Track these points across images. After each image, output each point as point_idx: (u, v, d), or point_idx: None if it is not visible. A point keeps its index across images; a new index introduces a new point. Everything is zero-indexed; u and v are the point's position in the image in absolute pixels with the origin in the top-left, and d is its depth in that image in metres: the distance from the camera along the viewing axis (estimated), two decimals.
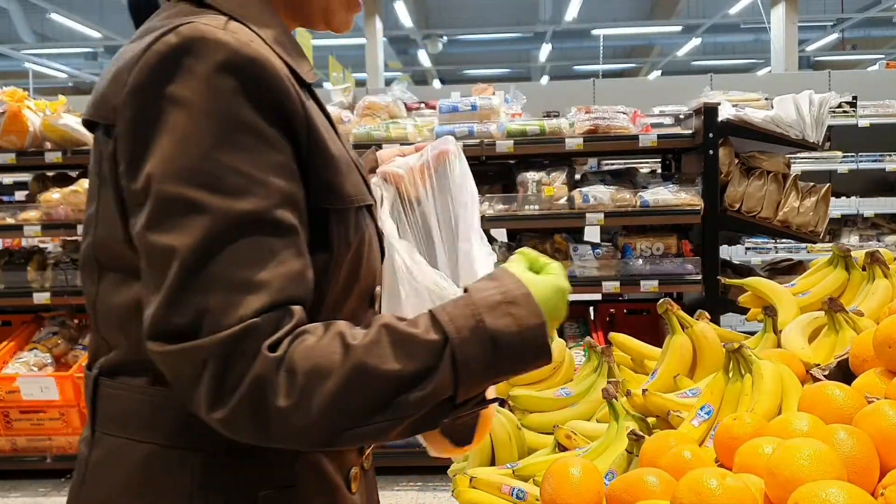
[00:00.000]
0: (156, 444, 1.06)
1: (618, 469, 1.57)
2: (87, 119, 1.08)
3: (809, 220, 4.62)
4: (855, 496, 1.09)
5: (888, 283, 1.94)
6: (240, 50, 0.97)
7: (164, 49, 0.97)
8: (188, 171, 0.94)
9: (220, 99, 0.96)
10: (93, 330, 1.13)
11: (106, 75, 1.06)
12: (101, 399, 1.10)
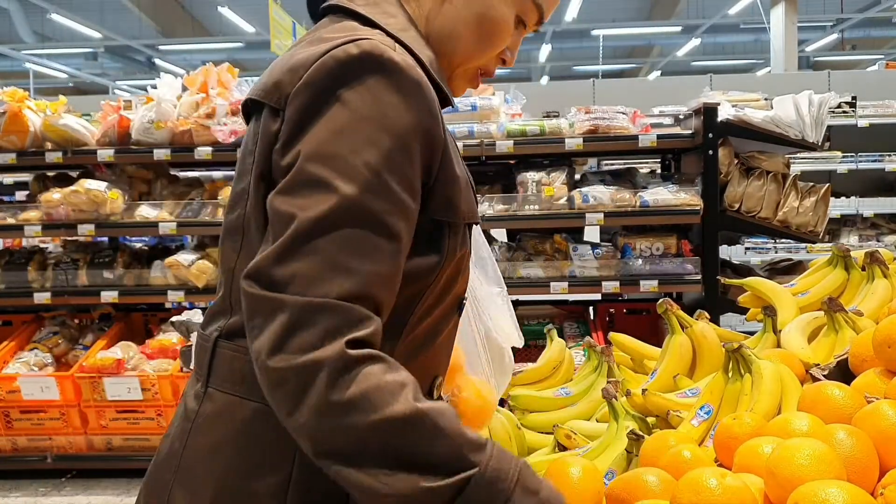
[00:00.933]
0: (265, 404, 1.11)
1: (617, 469, 1.57)
2: (253, 99, 1.19)
3: (809, 220, 4.62)
4: (854, 496, 1.09)
5: (888, 283, 1.94)
6: (406, 71, 1.11)
7: (344, 56, 1.10)
8: (333, 157, 1.06)
9: (380, 109, 1.08)
10: (222, 295, 1.23)
11: (280, 66, 1.16)
12: (217, 358, 1.20)
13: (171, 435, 1.26)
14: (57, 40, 19.81)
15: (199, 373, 1.24)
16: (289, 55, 1.19)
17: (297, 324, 1.01)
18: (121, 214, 4.96)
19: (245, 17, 17.81)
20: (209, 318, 1.26)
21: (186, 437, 1.21)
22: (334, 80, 1.09)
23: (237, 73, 5.38)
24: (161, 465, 1.24)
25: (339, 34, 1.15)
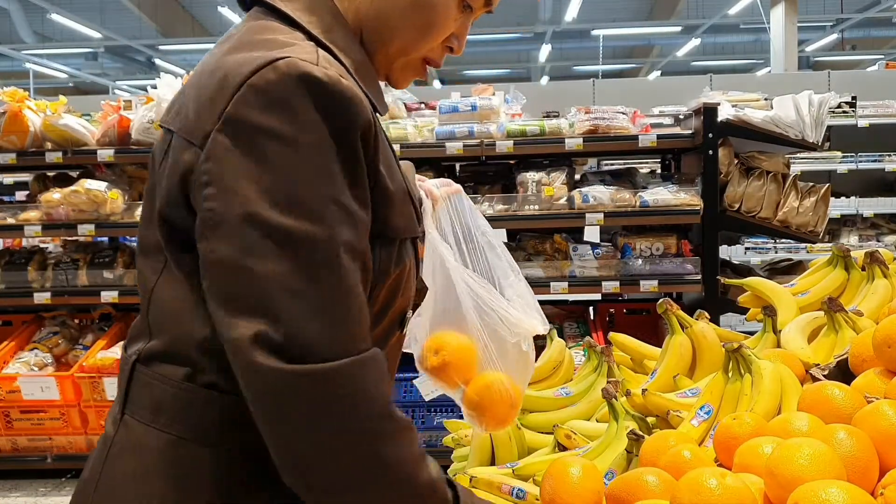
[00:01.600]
0: (181, 437, 1.09)
1: (617, 469, 1.57)
2: (166, 127, 1.13)
3: (809, 220, 4.63)
4: (854, 496, 1.09)
5: (888, 283, 1.94)
6: (334, 87, 1.02)
7: (263, 84, 1.01)
8: (289, 200, 0.99)
9: (315, 134, 1.01)
10: (141, 316, 1.17)
11: (197, 91, 1.08)
12: (135, 384, 1.14)
13: (91, 460, 1.20)
14: (57, 40, 19.82)
15: (118, 397, 1.18)
16: (207, 64, 1.11)
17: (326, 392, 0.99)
18: (121, 214, 4.96)
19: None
20: (129, 340, 1.20)
21: (102, 464, 1.15)
22: (259, 112, 1.00)
23: None
24: (80, 489, 1.19)
25: (259, 47, 1.07)
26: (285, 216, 0.99)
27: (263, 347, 0.97)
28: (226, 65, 1.06)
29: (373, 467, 1.01)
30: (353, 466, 1.00)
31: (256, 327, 0.97)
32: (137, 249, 1.19)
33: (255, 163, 1.00)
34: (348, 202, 1.03)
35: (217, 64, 1.08)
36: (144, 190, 1.21)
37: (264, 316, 0.98)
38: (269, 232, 0.99)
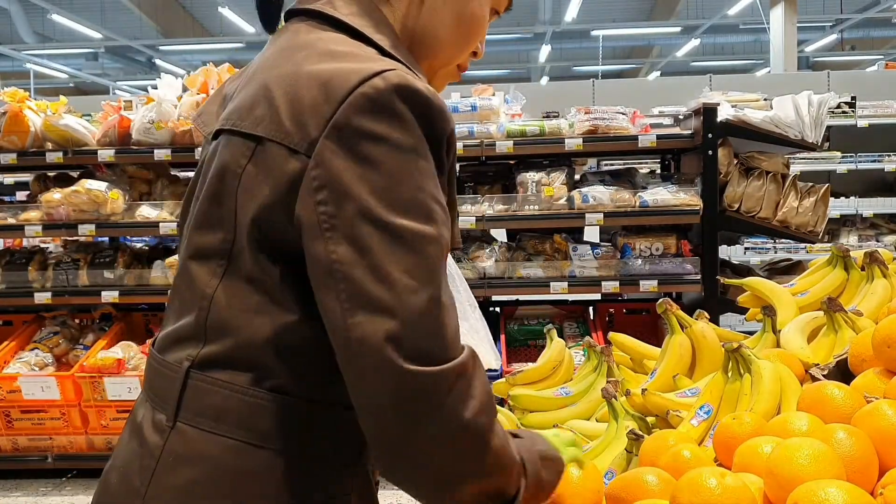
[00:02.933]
0: (246, 443, 1.10)
1: (617, 468, 1.57)
2: (239, 131, 1.12)
3: (808, 221, 4.63)
4: (854, 495, 1.09)
5: (887, 283, 1.94)
6: (433, 99, 1.08)
7: (372, 92, 1.04)
8: (402, 201, 1.03)
9: (419, 141, 1.06)
10: (193, 320, 1.15)
11: (282, 95, 1.09)
12: (190, 390, 1.13)
13: (122, 468, 1.17)
14: (57, 40, 19.81)
15: (161, 403, 1.15)
16: (289, 76, 1.11)
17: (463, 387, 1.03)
18: (121, 214, 4.96)
19: (245, 18, 17.81)
20: (170, 343, 1.18)
21: (151, 474, 1.12)
22: (367, 119, 1.04)
23: None
24: (119, 498, 1.15)
25: (349, 59, 1.10)
26: (400, 216, 1.02)
27: (395, 347, 0.99)
28: (323, 73, 1.08)
29: (488, 455, 1.06)
30: (474, 457, 1.05)
31: (385, 326, 1.00)
32: (188, 254, 1.18)
33: (365, 166, 1.03)
34: (444, 205, 1.08)
35: (309, 73, 1.09)
36: (193, 192, 1.22)
37: (390, 315, 1.00)
38: (386, 231, 1.02)
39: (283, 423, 1.10)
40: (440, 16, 1.25)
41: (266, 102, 1.10)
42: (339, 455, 1.15)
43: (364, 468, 1.20)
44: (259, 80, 1.14)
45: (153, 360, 1.20)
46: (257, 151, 1.10)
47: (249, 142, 1.11)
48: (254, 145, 1.10)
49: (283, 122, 1.07)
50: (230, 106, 1.18)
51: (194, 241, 1.17)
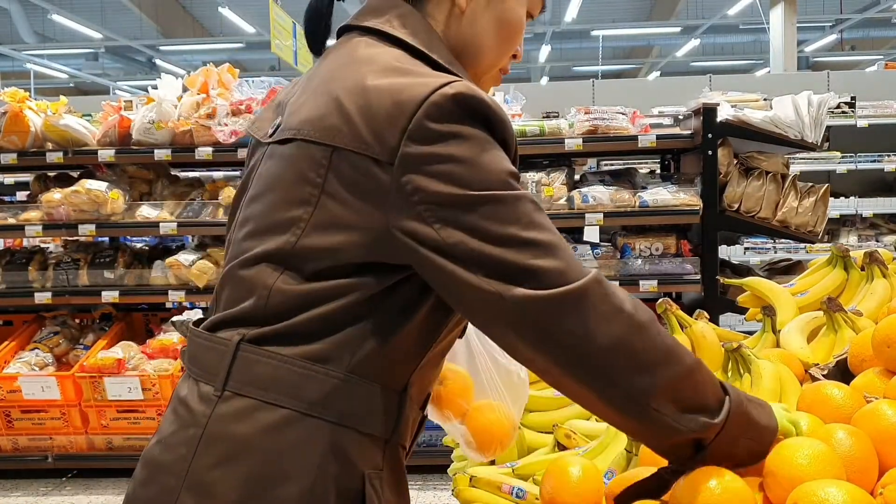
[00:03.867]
0: (293, 411, 1.16)
1: (617, 468, 1.57)
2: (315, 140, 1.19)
3: (808, 221, 4.63)
4: (854, 495, 1.09)
5: (887, 283, 1.94)
6: (496, 108, 1.17)
7: (441, 100, 1.13)
8: (484, 178, 1.12)
9: (486, 137, 1.15)
10: (253, 305, 1.21)
11: (353, 106, 1.16)
12: (240, 362, 1.19)
13: (169, 441, 1.23)
14: (58, 41, 19.81)
15: (206, 376, 1.22)
16: (356, 89, 1.18)
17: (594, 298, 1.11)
18: (121, 214, 4.96)
19: (245, 18, 17.81)
20: (219, 324, 1.25)
21: (197, 442, 1.18)
22: (439, 124, 1.13)
23: (238, 73, 5.39)
24: (161, 471, 1.21)
25: (414, 74, 1.18)
26: (487, 189, 1.12)
27: (534, 287, 1.09)
28: (393, 86, 1.16)
29: (663, 342, 1.13)
30: (652, 343, 1.12)
31: (517, 278, 1.10)
32: (245, 250, 1.24)
33: (445, 162, 1.12)
34: (519, 176, 1.17)
35: (379, 86, 1.16)
36: (243, 194, 1.31)
37: (519, 268, 1.10)
38: (482, 205, 1.11)
39: (327, 394, 1.17)
40: (481, 24, 1.31)
41: (338, 113, 1.17)
42: (376, 429, 1.21)
43: (396, 447, 1.25)
44: (325, 91, 1.21)
45: (199, 338, 1.26)
46: (333, 160, 1.17)
47: (325, 151, 1.17)
48: (329, 155, 1.17)
49: (361, 133, 1.15)
50: (296, 116, 1.24)
51: (255, 241, 1.23)
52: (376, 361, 1.19)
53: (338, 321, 1.17)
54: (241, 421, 1.17)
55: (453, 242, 1.11)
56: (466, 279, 1.11)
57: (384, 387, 1.20)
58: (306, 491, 1.15)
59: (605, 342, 1.10)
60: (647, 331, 1.12)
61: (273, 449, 1.16)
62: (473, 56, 1.33)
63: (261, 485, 1.15)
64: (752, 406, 1.19)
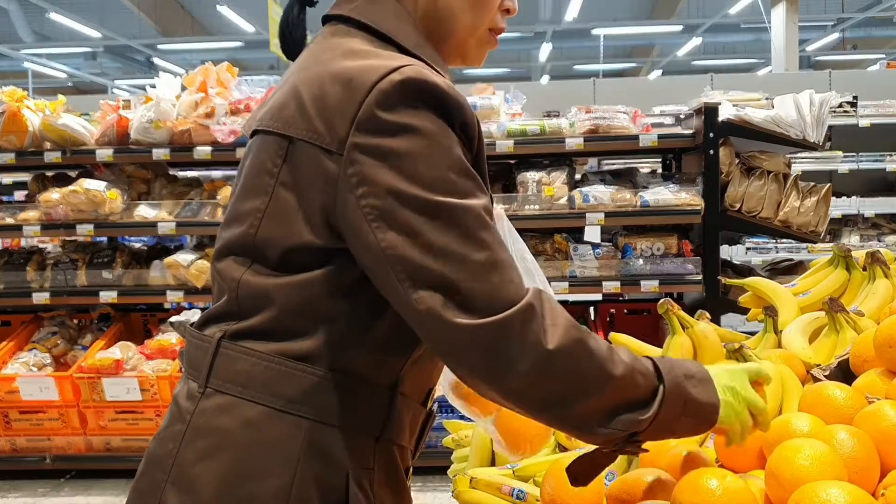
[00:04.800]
0: (272, 407, 1.17)
1: (618, 469, 1.57)
2: (274, 131, 1.20)
3: (810, 220, 4.62)
4: (855, 496, 1.09)
5: (889, 283, 1.94)
6: (449, 91, 1.15)
7: (389, 87, 1.12)
8: (431, 180, 1.11)
9: (438, 127, 1.13)
10: (227, 300, 1.23)
11: (311, 96, 1.17)
12: (220, 358, 1.21)
13: (161, 436, 1.26)
14: (56, 40, 19.82)
15: (193, 373, 1.24)
16: (317, 78, 1.18)
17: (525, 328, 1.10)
18: (120, 214, 4.96)
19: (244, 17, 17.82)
20: (206, 321, 1.27)
21: (181, 437, 1.21)
22: (388, 112, 1.12)
23: (236, 72, 5.38)
24: (152, 466, 1.24)
25: (371, 57, 1.18)
26: (433, 194, 1.11)
27: (461, 310, 1.08)
28: (345, 73, 1.16)
29: (589, 373, 1.12)
30: (575, 379, 1.12)
31: (446, 295, 1.09)
32: (224, 247, 1.25)
33: (393, 157, 1.11)
34: (475, 175, 1.17)
35: (332, 73, 1.17)
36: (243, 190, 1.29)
37: (449, 284, 1.09)
38: (425, 211, 1.10)
39: (305, 391, 1.17)
40: None
41: (295, 103, 1.19)
42: (361, 427, 1.20)
43: (390, 446, 1.25)
44: (290, 82, 1.23)
45: (190, 335, 1.28)
46: (290, 151, 1.18)
47: (283, 141, 1.18)
48: (287, 145, 1.18)
49: (313, 122, 1.16)
50: (263, 108, 1.27)
51: (230, 235, 1.25)
52: (358, 357, 1.19)
53: (312, 316, 1.18)
54: (221, 416, 1.19)
55: (387, 247, 1.10)
56: (396, 287, 1.11)
57: (370, 383, 1.20)
58: (285, 487, 1.16)
59: (522, 370, 1.09)
60: (568, 358, 1.11)
61: (251, 444, 1.17)
62: (448, 25, 1.31)
63: (238, 479, 1.16)
64: (692, 384, 1.18)
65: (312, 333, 1.18)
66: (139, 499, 1.23)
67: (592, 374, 1.12)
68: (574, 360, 1.11)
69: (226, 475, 1.17)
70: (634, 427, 1.15)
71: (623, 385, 1.14)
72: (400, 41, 1.25)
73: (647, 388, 1.15)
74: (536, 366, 1.09)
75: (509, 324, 1.08)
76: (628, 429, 1.14)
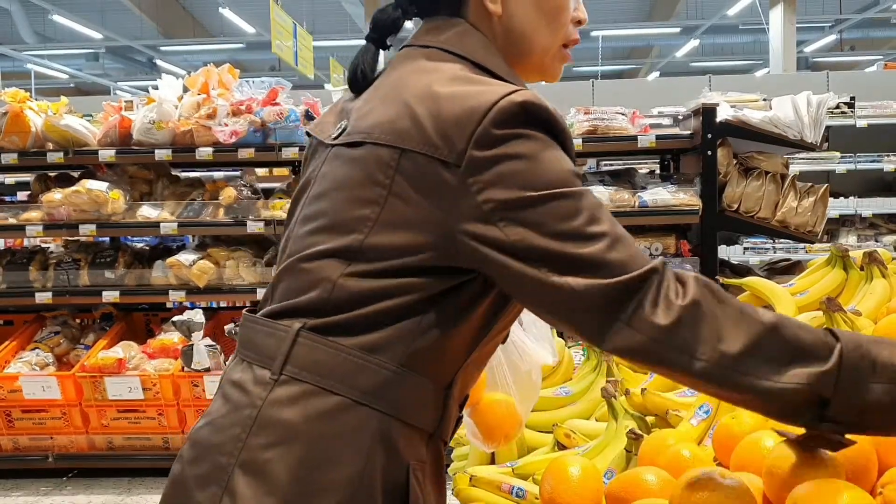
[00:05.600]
0: (348, 398, 1.20)
1: (617, 468, 1.58)
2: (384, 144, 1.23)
3: (807, 221, 4.63)
4: (853, 495, 1.09)
5: (886, 283, 1.94)
6: (554, 113, 1.23)
7: (508, 105, 1.18)
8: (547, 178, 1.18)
9: (549, 141, 1.22)
10: (316, 297, 1.25)
11: (425, 112, 1.21)
12: (299, 348, 1.23)
13: (222, 422, 1.26)
14: (58, 41, 19.80)
15: (264, 360, 1.26)
16: (423, 94, 1.23)
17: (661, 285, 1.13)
18: (122, 214, 4.97)
19: (246, 18, 17.81)
20: (279, 313, 1.28)
21: (252, 422, 1.22)
22: (505, 129, 1.17)
23: (238, 73, 5.39)
24: (212, 450, 1.24)
25: (478, 83, 1.23)
26: (551, 188, 1.16)
27: (601, 277, 1.13)
28: (462, 93, 1.21)
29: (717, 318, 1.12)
30: (705, 323, 1.12)
31: (587, 274, 1.13)
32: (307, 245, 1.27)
33: (510, 162, 1.17)
34: (581, 177, 1.22)
35: (447, 93, 1.22)
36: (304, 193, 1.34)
37: (587, 263, 1.13)
38: (547, 202, 1.16)
39: (380, 384, 1.20)
40: (519, 16, 1.34)
41: (409, 118, 1.22)
42: (423, 422, 1.25)
43: (438, 442, 1.29)
44: (395, 97, 1.26)
45: (258, 324, 1.29)
46: (401, 162, 1.21)
47: (394, 153, 1.22)
48: (397, 157, 1.22)
49: (429, 136, 1.20)
50: (365, 120, 1.29)
51: (317, 237, 1.27)
52: (427, 357, 1.23)
53: (397, 316, 1.21)
54: (296, 405, 1.21)
55: (518, 239, 1.15)
56: (534, 276, 1.15)
57: (432, 382, 1.24)
58: (355, 477, 1.18)
59: (668, 321, 1.11)
60: (711, 302, 1.12)
61: (325, 434, 1.19)
62: (526, 45, 1.36)
63: (312, 467, 1.18)
64: (878, 346, 1.12)
65: (392, 331, 1.21)
66: (201, 483, 1.22)
67: (737, 316, 1.12)
68: (717, 302, 1.13)
69: (300, 462, 1.18)
70: (816, 384, 1.08)
71: (780, 331, 1.11)
72: (495, 70, 1.31)
73: (816, 340, 1.11)
74: (682, 310, 1.11)
75: (650, 275, 1.12)
76: (809, 383, 1.08)
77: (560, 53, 1.40)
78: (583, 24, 1.40)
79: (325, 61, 15.04)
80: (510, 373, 1.58)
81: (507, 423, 1.58)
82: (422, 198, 1.20)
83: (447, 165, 1.18)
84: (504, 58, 1.35)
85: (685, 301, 1.12)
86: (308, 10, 17.19)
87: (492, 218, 1.16)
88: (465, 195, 1.17)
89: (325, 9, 18.33)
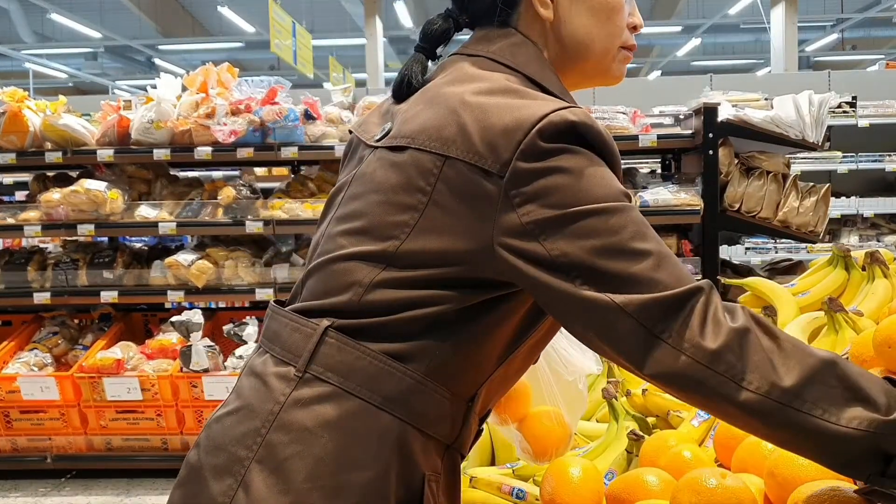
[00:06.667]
0: (370, 403, 1.19)
1: (618, 469, 1.57)
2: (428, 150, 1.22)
3: (809, 220, 4.62)
4: (853, 495, 1.09)
5: (888, 283, 1.94)
6: (604, 132, 1.23)
7: (557, 119, 1.16)
8: (593, 192, 1.15)
9: (597, 158, 1.21)
10: (346, 299, 1.24)
11: (471, 120, 1.20)
12: (325, 346, 1.22)
13: (240, 415, 1.25)
14: (57, 40, 19.83)
15: (289, 357, 1.25)
16: (468, 104, 1.21)
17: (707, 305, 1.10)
18: (120, 214, 4.96)
19: (245, 17, 17.83)
20: (307, 311, 1.27)
21: (273, 418, 1.21)
22: (552, 143, 1.15)
23: (237, 72, 5.39)
24: (229, 443, 1.23)
25: (528, 96, 1.22)
26: (597, 202, 1.14)
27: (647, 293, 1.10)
28: (513, 105, 1.19)
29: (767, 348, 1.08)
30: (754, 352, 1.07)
31: (631, 291, 1.10)
32: (343, 245, 1.26)
33: (555, 176, 1.15)
34: (628, 193, 1.20)
35: (497, 103, 1.20)
36: (340, 193, 1.33)
37: (630, 280, 1.11)
38: (591, 217, 1.13)
39: (403, 392, 1.19)
40: (574, 22, 1.33)
41: (455, 125, 1.20)
42: (441, 434, 1.23)
43: (455, 454, 1.28)
44: (441, 103, 1.25)
45: (285, 318, 1.28)
46: (444, 169, 1.20)
47: (437, 160, 1.20)
48: (440, 164, 1.20)
49: (475, 144, 1.18)
50: (410, 125, 1.27)
51: (350, 238, 1.26)
52: (453, 369, 1.22)
53: (426, 326, 1.20)
54: (318, 405, 1.20)
55: (559, 255, 1.13)
56: (574, 292, 1.12)
57: (454, 394, 1.23)
58: (370, 482, 1.17)
59: (716, 345, 1.06)
60: (760, 332, 1.08)
61: (345, 437, 1.19)
62: (583, 53, 1.35)
63: (330, 468, 1.18)
64: None
65: (420, 340, 1.20)
66: (217, 474, 1.21)
67: (790, 348, 1.08)
68: (766, 332, 1.08)
69: (320, 462, 1.18)
70: (877, 431, 1.02)
71: (836, 368, 1.06)
72: (546, 86, 1.29)
73: (877, 384, 1.07)
74: (728, 336, 1.07)
75: (694, 296, 1.09)
76: (868, 429, 1.02)
77: (621, 55, 1.38)
78: (639, 31, 1.38)
79: (324, 60, 15.06)
80: (555, 383, 1.57)
81: (556, 435, 1.56)
82: (461, 207, 1.18)
83: (490, 175, 1.16)
84: (559, 66, 1.34)
85: (735, 324, 1.07)
86: (307, 8, 17.21)
87: (532, 232, 1.14)
88: (506, 207, 1.15)
89: (324, 7, 18.35)
